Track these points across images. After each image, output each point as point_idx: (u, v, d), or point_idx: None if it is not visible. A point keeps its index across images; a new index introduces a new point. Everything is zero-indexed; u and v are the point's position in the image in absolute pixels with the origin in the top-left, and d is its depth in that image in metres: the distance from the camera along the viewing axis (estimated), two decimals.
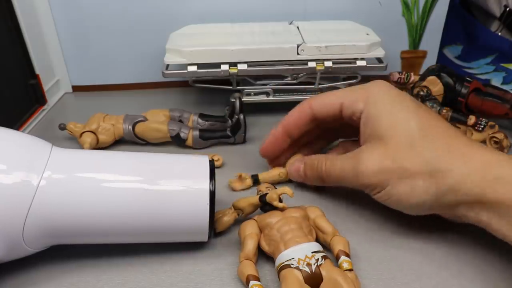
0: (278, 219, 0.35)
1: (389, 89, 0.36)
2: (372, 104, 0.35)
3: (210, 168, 0.34)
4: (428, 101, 0.52)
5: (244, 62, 0.51)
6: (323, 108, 0.39)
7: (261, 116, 0.56)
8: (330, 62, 0.52)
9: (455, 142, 0.33)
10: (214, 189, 0.33)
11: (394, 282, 0.33)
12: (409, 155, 0.32)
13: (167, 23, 0.58)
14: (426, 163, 0.32)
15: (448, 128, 0.34)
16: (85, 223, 0.31)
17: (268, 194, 0.36)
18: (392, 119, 0.34)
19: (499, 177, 0.30)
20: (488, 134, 0.49)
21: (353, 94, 0.37)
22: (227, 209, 0.37)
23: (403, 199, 0.34)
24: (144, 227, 0.32)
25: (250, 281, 0.31)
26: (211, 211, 0.33)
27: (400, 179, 0.33)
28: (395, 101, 0.35)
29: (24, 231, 0.30)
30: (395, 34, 0.62)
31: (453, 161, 0.32)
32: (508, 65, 0.63)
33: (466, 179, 0.31)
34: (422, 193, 0.33)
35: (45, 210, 0.30)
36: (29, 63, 0.55)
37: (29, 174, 0.30)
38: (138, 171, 0.33)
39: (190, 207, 0.32)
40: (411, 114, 0.34)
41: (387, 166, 0.33)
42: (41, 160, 0.31)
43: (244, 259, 0.33)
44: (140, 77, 0.64)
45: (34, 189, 0.30)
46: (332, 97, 0.39)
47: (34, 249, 0.32)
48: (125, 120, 0.49)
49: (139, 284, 0.33)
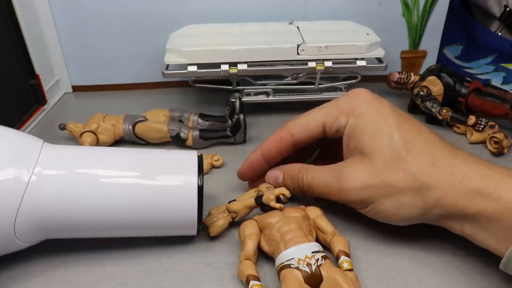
0: (278, 219, 0.34)
1: (371, 99, 0.35)
2: (355, 117, 0.35)
3: (199, 163, 0.34)
4: (428, 101, 0.52)
5: (244, 62, 0.51)
6: (304, 133, 0.37)
7: (261, 116, 0.56)
8: (330, 62, 0.52)
9: (439, 154, 0.32)
10: (202, 183, 0.34)
11: (394, 282, 0.33)
12: (395, 171, 0.32)
13: (167, 23, 0.58)
14: (412, 179, 0.31)
15: (430, 138, 0.34)
16: (76, 217, 0.32)
17: (264, 195, 0.36)
18: (375, 133, 0.33)
19: (480, 191, 0.30)
20: (488, 134, 0.49)
21: (333, 111, 0.36)
22: (221, 212, 0.37)
23: (390, 215, 0.33)
24: (134, 221, 0.33)
25: (250, 281, 0.31)
26: (199, 205, 0.33)
27: (386, 196, 0.32)
28: (378, 113, 0.34)
29: (16, 226, 0.31)
30: (395, 34, 0.62)
31: (437, 176, 0.31)
32: (508, 65, 0.63)
33: (450, 193, 0.31)
34: (409, 209, 0.32)
35: (36, 205, 0.31)
36: (29, 63, 0.55)
37: (20, 170, 0.31)
38: (128, 166, 0.34)
39: (179, 201, 0.33)
40: (394, 126, 0.33)
41: (373, 182, 0.32)
42: (32, 156, 0.32)
43: (244, 259, 0.33)
44: (140, 77, 0.64)
45: (25, 185, 0.30)
46: (312, 121, 0.37)
47: (26, 243, 0.33)
48: (125, 120, 0.49)
49: (139, 284, 0.33)
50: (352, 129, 0.35)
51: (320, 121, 0.36)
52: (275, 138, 0.38)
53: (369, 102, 0.35)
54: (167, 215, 0.33)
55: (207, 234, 0.37)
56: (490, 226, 0.30)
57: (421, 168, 0.32)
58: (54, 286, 0.33)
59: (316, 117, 0.37)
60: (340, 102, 0.36)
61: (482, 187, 0.30)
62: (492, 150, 0.48)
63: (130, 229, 0.34)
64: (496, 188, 0.30)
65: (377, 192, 0.32)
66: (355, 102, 0.35)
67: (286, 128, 0.38)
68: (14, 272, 0.34)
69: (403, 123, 0.34)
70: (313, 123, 0.37)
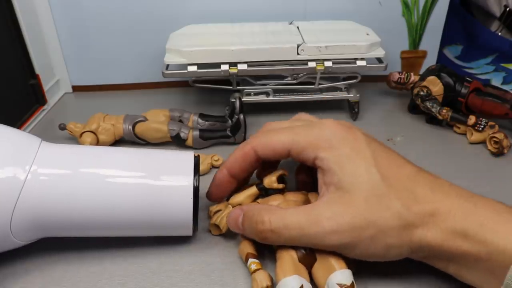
0: (279, 202, 0.35)
1: (343, 132, 0.32)
2: (328, 151, 0.31)
3: (195, 163, 0.35)
4: (428, 101, 0.52)
5: (244, 62, 0.51)
6: (269, 152, 0.35)
7: (261, 116, 0.56)
8: (330, 62, 0.52)
9: (420, 189, 0.30)
10: (198, 184, 0.34)
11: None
12: (378, 210, 0.29)
13: (167, 23, 0.58)
14: (398, 217, 0.29)
15: (409, 171, 0.31)
16: (72, 216, 0.32)
17: (265, 180, 0.37)
18: (353, 169, 0.31)
19: (465, 232, 0.28)
20: (488, 134, 0.49)
21: (301, 141, 0.33)
22: (225, 208, 0.37)
23: (376, 256, 0.30)
24: (130, 221, 0.33)
25: (249, 258, 0.33)
26: (195, 205, 0.33)
27: (372, 238, 0.29)
28: (352, 148, 0.31)
29: (12, 224, 0.31)
30: (395, 34, 0.62)
31: (419, 214, 0.29)
32: (508, 65, 0.63)
33: (435, 233, 0.29)
34: (397, 249, 0.30)
35: (32, 203, 0.31)
36: (29, 63, 0.55)
37: (16, 169, 0.31)
38: (124, 166, 0.34)
39: (174, 202, 0.33)
40: (371, 161, 0.31)
41: (357, 223, 0.29)
42: (29, 155, 0.32)
43: (245, 238, 0.35)
44: (140, 77, 0.64)
45: (21, 184, 0.31)
46: (277, 143, 0.34)
47: (23, 241, 0.33)
48: (125, 120, 0.49)
49: (139, 284, 0.33)
50: (326, 163, 0.31)
51: (286, 147, 0.34)
52: (239, 153, 0.36)
53: (342, 135, 0.32)
54: (163, 216, 0.33)
55: (210, 233, 0.37)
56: (477, 266, 0.28)
57: (404, 204, 0.29)
58: (54, 285, 0.33)
59: (282, 139, 0.34)
60: (309, 133, 0.33)
61: (466, 227, 0.28)
62: (492, 150, 0.48)
63: (125, 229, 0.34)
64: (482, 228, 0.28)
65: (361, 233, 0.29)
66: (326, 135, 0.32)
67: (250, 144, 0.35)
68: (13, 270, 0.34)
69: (379, 157, 0.31)
70: (278, 146, 0.34)
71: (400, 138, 0.52)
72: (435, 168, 0.34)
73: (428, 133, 0.53)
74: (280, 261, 0.32)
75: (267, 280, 0.31)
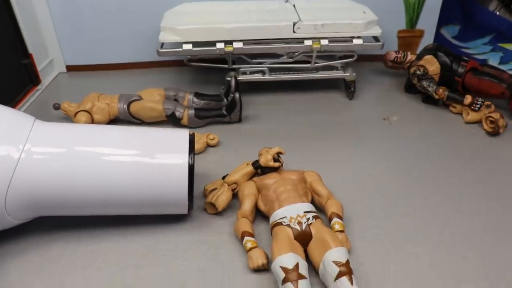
0: (275, 181, 0.36)
1: None
2: None
3: (190, 141, 0.34)
4: (425, 80, 0.52)
5: (240, 40, 0.50)
6: None
7: (257, 95, 0.55)
8: (326, 40, 0.51)
9: None
10: (194, 162, 0.34)
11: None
12: None
13: (161, 1, 0.57)
14: None
15: None
16: (66, 195, 0.32)
17: (261, 158, 0.37)
18: None
19: None
20: (484, 114, 0.49)
21: None
22: (221, 187, 0.37)
23: None
24: (125, 199, 0.33)
25: (244, 237, 0.33)
26: (190, 183, 0.33)
27: None
28: None
29: (7, 202, 0.31)
30: (392, 12, 0.61)
31: None
32: (506, 45, 0.63)
33: None
34: None
35: (26, 182, 0.31)
36: (21, 42, 0.54)
37: (10, 148, 0.31)
38: (119, 144, 0.34)
39: (170, 180, 0.33)
40: None
41: None
42: (22, 134, 0.32)
43: (241, 217, 0.35)
44: (135, 57, 0.63)
45: (15, 162, 0.30)
46: None
47: (18, 220, 0.33)
48: (120, 99, 0.49)
49: (136, 262, 0.33)
50: None
51: None
52: None
53: None
54: (158, 194, 0.33)
55: (206, 212, 0.38)
56: None
57: None
58: (52, 263, 0.33)
59: None
60: None
61: None
62: (488, 129, 0.48)
63: (121, 207, 0.34)
64: None
65: None
66: None
67: None
68: (9, 248, 0.34)
69: None
70: None
71: (396, 117, 0.52)
72: (431, 148, 0.34)
73: (424, 112, 0.53)
74: (276, 239, 0.32)
75: (263, 258, 0.32)
